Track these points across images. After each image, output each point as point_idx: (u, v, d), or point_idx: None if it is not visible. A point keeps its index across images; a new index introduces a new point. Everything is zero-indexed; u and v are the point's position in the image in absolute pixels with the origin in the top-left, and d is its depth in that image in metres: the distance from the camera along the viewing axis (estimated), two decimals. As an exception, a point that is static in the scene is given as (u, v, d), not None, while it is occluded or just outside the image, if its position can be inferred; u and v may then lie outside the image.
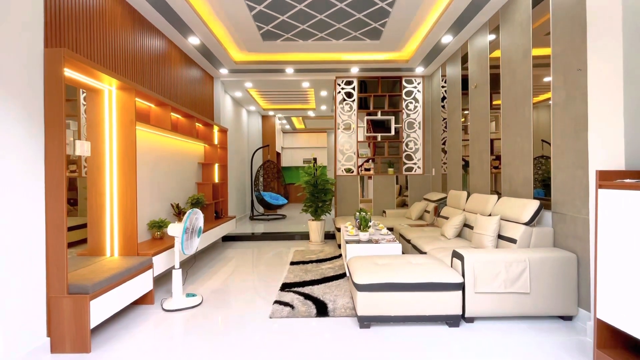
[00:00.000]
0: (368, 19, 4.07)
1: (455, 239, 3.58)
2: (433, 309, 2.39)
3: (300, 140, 12.72)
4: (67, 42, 2.52)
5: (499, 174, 3.60)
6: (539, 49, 2.95)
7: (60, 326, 2.09)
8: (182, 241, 2.81)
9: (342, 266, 3.94)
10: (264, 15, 3.95)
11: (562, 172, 2.66)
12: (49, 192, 2.08)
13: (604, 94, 2.12)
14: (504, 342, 2.19)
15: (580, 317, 2.45)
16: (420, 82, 5.97)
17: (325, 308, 2.71)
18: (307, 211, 5.44)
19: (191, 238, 2.96)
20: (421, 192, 5.97)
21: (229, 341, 2.23)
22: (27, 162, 1.98)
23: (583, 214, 2.44)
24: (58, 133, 2.08)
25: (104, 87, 2.81)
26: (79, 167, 2.90)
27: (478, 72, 4.05)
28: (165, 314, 2.70)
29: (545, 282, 2.44)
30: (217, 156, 5.26)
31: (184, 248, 2.83)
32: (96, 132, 2.81)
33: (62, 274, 2.09)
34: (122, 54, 3.26)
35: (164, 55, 4.10)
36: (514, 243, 2.75)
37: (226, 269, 4.00)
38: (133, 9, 3.45)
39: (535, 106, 3.01)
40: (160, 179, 3.77)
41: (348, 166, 6.00)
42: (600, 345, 1.93)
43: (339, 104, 6.00)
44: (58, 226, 2.09)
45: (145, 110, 3.49)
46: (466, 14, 3.69)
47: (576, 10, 2.47)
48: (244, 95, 7.23)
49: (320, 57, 5.31)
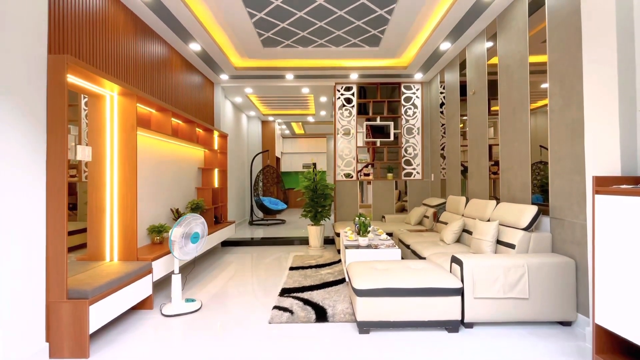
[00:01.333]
0: (367, 26, 4.13)
1: (454, 244, 3.59)
2: (432, 315, 2.39)
3: (300, 145, 12.75)
4: (70, 49, 2.55)
5: (497, 179, 3.62)
6: (535, 56, 2.99)
7: (59, 331, 2.08)
8: (170, 244, 2.75)
9: (341, 271, 3.93)
10: (265, 22, 3.99)
11: (559, 178, 2.68)
12: (50, 197, 2.09)
13: (600, 100, 2.15)
14: (503, 348, 2.19)
15: (579, 322, 2.46)
16: (419, 88, 6.02)
17: (324, 313, 2.70)
18: (307, 216, 5.45)
19: (185, 244, 2.90)
20: (420, 197, 5.98)
21: (228, 346, 2.23)
22: (29, 167, 1.99)
23: (581, 219, 2.46)
24: (60, 138, 2.10)
25: (105, 92, 2.84)
26: (79, 172, 2.91)
27: (476, 78, 4.09)
28: (165, 319, 2.69)
29: (544, 287, 2.44)
30: (217, 161, 5.28)
31: (174, 252, 2.79)
32: (97, 137, 2.83)
33: (61, 279, 2.09)
34: (123, 60, 3.30)
35: (165, 61, 4.14)
36: (512, 248, 2.76)
37: (225, 274, 3.99)
38: (135, 16, 3.50)
39: (533, 112, 3.04)
40: (160, 184, 3.78)
41: (347, 171, 6.02)
42: (599, 350, 1.93)
43: (339, 110, 6.04)
44: (58, 231, 2.10)
45: (146, 116, 3.51)
46: (464, 22, 3.75)
47: (572, 18, 2.52)
48: (244, 100, 7.27)
49: (320, 64, 5.36)
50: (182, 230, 2.84)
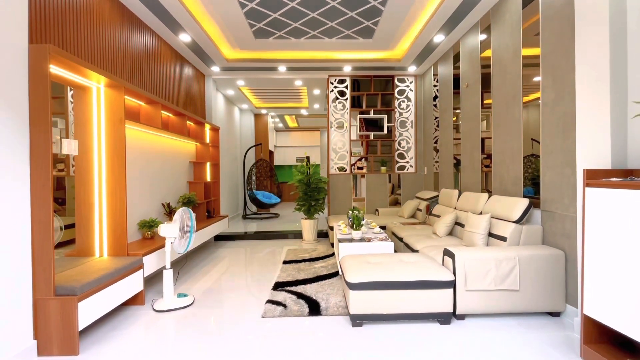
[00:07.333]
0: (360, 18, 4.07)
1: (446, 237, 3.61)
2: (425, 307, 2.41)
3: (294, 138, 12.68)
4: (53, 39, 2.46)
5: (489, 172, 3.64)
6: (528, 49, 2.98)
7: (47, 328, 2.05)
8: (177, 239, 2.81)
9: (335, 265, 3.94)
10: (256, 12, 3.91)
11: (551, 171, 2.70)
12: (34, 191, 2.04)
13: (592, 94, 2.15)
14: (494, 339, 2.22)
15: (568, 313, 2.50)
16: (413, 81, 5.99)
17: (317, 307, 2.71)
18: (300, 210, 5.44)
19: (185, 237, 2.94)
20: (413, 190, 6.00)
21: (220, 341, 2.22)
22: (12, 161, 1.93)
23: (571, 212, 2.48)
24: (44, 131, 2.04)
25: (91, 84, 2.76)
26: (67, 166, 2.84)
27: (469, 71, 4.08)
28: (156, 314, 2.67)
29: (534, 279, 2.47)
30: (208, 155, 5.21)
31: (179, 247, 2.84)
32: (84, 130, 2.76)
33: (48, 276, 2.05)
34: (110, 51, 3.20)
35: (154, 52, 4.04)
36: (504, 241, 2.78)
37: (218, 269, 3.97)
38: (121, 5, 3.39)
39: (525, 105, 3.04)
40: (150, 178, 3.72)
41: (341, 165, 6.01)
42: (587, 340, 1.97)
43: (332, 103, 5.99)
44: (44, 226, 2.05)
45: (135, 109, 3.44)
46: (458, 14, 3.71)
47: (565, 11, 2.50)
48: (236, 93, 7.17)
49: (313, 56, 5.29)
50: (183, 224, 2.87)
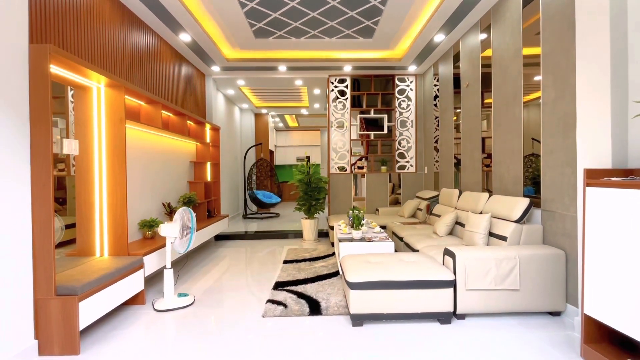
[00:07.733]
0: (361, 17, 4.07)
1: (447, 237, 3.61)
2: (425, 307, 2.41)
3: (294, 138, 12.68)
4: (53, 39, 2.46)
5: (490, 172, 3.64)
6: (529, 48, 2.98)
7: (48, 328, 2.05)
8: (178, 239, 2.82)
9: (335, 264, 3.94)
10: (256, 12, 3.91)
11: (551, 170, 2.70)
12: (35, 191, 2.04)
13: (592, 93, 2.15)
14: (494, 338, 2.22)
15: (568, 312, 2.50)
16: (413, 81, 5.99)
17: (318, 306, 2.71)
18: (301, 209, 5.44)
19: (185, 237, 2.95)
20: (414, 190, 6.00)
21: (221, 341, 2.22)
22: (12, 160, 1.93)
23: (571, 211, 2.48)
24: (44, 132, 2.04)
25: (92, 84, 2.76)
26: (67, 166, 2.84)
27: (470, 70, 4.07)
28: (157, 314, 2.67)
29: (534, 278, 2.47)
30: (209, 154, 5.21)
31: (179, 247, 2.84)
32: (84, 130, 2.76)
33: (49, 275, 2.05)
34: (110, 50, 3.20)
35: (154, 52, 4.04)
36: (504, 240, 2.78)
37: (219, 268, 3.97)
38: (122, 5, 3.39)
39: (526, 105, 3.04)
40: (151, 178, 3.72)
41: (341, 164, 6.01)
42: (588, 340, 1.97)
43: (332, 102, 5.99)
44: (45, 226, 2.05)
45: (135, 108, 3.44)
46: (458, 13, 3.71)
47: (565, 10, 2.50)
48: (237, 93, 7.17)
49: (313, 55, 5.29)
50: (183, 224, 2.88)
